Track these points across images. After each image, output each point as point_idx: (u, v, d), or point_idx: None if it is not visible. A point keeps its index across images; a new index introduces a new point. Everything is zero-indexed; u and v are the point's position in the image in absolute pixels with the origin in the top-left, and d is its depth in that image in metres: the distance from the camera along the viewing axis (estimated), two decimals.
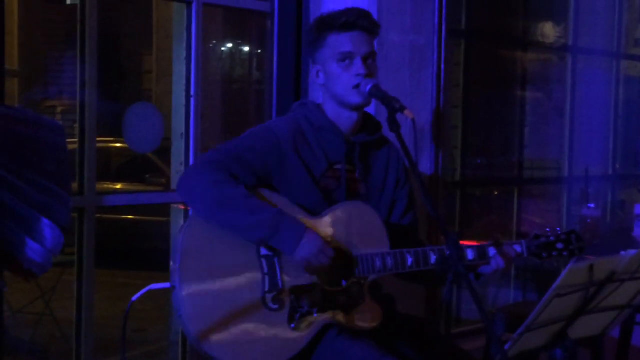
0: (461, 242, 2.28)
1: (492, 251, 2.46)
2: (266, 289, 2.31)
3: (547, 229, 2.56)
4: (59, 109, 12.48)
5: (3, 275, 1.58)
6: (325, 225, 2.38)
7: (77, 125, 3.02)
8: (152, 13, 11.90)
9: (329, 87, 2.49)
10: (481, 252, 2.46)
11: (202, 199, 2.30)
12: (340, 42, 2.46)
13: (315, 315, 2.34)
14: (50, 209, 1.31)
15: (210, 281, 2.28)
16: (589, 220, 4.33)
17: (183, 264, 2.28)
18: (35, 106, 12.32)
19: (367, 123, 2.56)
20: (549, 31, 5.37)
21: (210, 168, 2.32)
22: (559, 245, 2.54)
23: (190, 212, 2.44)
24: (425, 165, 3.68)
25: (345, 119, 2.50)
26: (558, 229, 2.57)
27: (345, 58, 2.45)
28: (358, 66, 2.44)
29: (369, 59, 2.47)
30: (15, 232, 1.28)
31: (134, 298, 2.54)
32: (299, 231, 2.30)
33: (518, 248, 2.51)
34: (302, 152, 2.44)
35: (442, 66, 3.72)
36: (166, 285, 2.42)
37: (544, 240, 2.53)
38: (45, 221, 1.29)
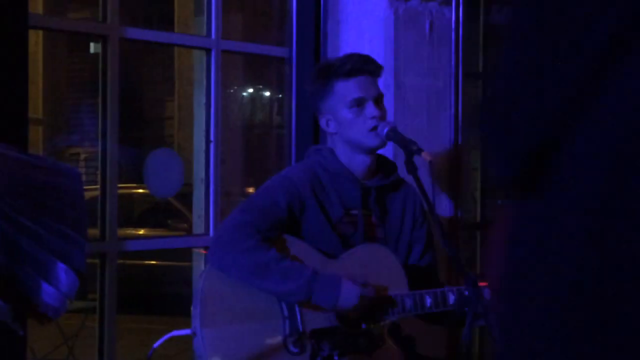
0: (481, 284, 2.27)
1: None
2: (287, 333, 2.31)
3: None
4: (82, 156, 12.62)
5: (25, 320, 1.60)
6: (342, 268, 2.39)
7: (99, 172, 3.06)
8: (173, 60, 12.06)
9: (342, 134, 2.50)
10: None
11: (236, 268, 2.31)
12: (349, 88, 2.47)
13: (336, 358, 2.33)
14: (67, 254, 1.33)
15: (231, 326, 2.29)
16: None
17: (203, 310, 2.28)
18: (59, 153, 12.46)
19: (382, 165, 2.58)
20: None
21: (241, 233, 2.32)
22: None
23: (208, 260, 2.45)
24: (445, 207, 3.68)
25: (359, 163, 2.51)
26: None
27: (357, 104, 2.47)
28: (371, 109, 2.46)
29: (379, 100, 2.49)
30: (32, 277, 1.31)
31: (156, 345, 2.55)
32: (336, 286, 2.30)
33: None
34: (319, 199, 2.46)
35: (460, 108, 3.74)
36: (187, 331, 2.43)
37: None
38: (61, 265, 1.32)
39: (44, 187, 1.35)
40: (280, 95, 4.11)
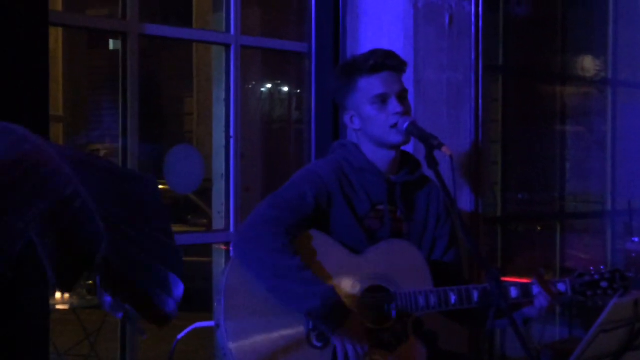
0: (503, 279, 2.26)
1: (535, 289, 2.44)
2: (310, 327, 2.31)
3: (591, 268, 2.53)
4: (102, 153, 12.67)
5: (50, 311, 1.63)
6: (367, 263, 2.39)
7: None
8: (192, 57, 12.08)
9: (366, 130, 2.50)
10: (525, 290, 2.44)
11: (259, 265, 2.32)
12: (372, 84, 2.47)
13: (360, 353, 2.33)
14: (169, 262, 1.35)
15: (254, 319, 2.29)
16: (633, 254, 4.27)
17: (227, 303, 2.29)
18: (79, 150, 12.51)
19: (406, 162, 2.57)
20: (588, 65, 5.35)
21: (268, 229, 2.32)
22: (603, 284, 2.51)
23: (232, 253, 2.46)
24: (465, 202, 3.66)
25: (383, 159, 2.50)
26: (602, 267, 2.54)
27: (380, 100, 2.46)
28: (394, 105, 2.45)
29: (402, 96, 2.48)
30: (144, 284, 1.33)
31: (179, 337, 2.56)
32: (345, 313, 2.29)
33: (562, 286, 2.49)
34: (346, 193, 2.45)
35: (480, 102, 3.72)
36: (211, 323, 2.44)
37: (588, 279, 2.51)
38: (168, 273, 1.34)
39: (132, 195, 1.37)
40: (299, 91, 4.11)
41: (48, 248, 1.20)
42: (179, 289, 1.36)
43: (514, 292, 2.43)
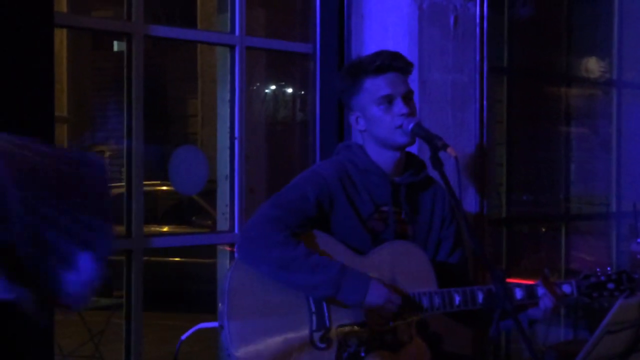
0: (508, 280, 2.26)
1: (540, 290, 2.44)
2: (314, 328, 2.31)
3: (597, 269, 2.53)
4: (107, 154, 12.69)
5: (48, 310, 1.62)
6: (371, 264, 2.38)
7: (124, 170, 3.07)
8: (196, 58, 12.09)
9: (371, 130, 2.49)
10: (530, 292, 2.43)
11: (265, 262, 2.32)
12: (378, 85, 2.47)
13: (363, 354, 2.33)
14: (92, 243, 1.34)
15: (258, 320, 2.29)
16: (638, 256, 4.26)
17: (231, 304, 2.29)
18: (84, 151, 12.52)
19: (411, 163, 2.57)
20: (593, 66, 5.34)
21: (270, 227, 2.32)
22: (610, 286, 2.50)
23: (236, 254, 2.46)
24: (470, 203, 3.66)
25: (388, 160, 2.50)
26: (609, 268, 2.54)
27: (385, 101, 2.46)
28: (400, 106, 2.45)
29: (408, 97, 2.48)
30: (55, 267, 1.32)
31: (184, 337, 2.57)
32: (364, 284, 2.29)
33: (568, 288, 2.48)
34: (349, 195, 2.45)
35: (485, 103, 3.72)
36: (215, 324, 2.44)
37: (594, 280, 2.50)
38: (85, 254, 1.33)
39: (69, 178, 1.36)
40: (303, 92, 4.11)
41: None
42: (95, 272, 1.34)
43: (519, 294, 2.43)
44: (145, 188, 3.09)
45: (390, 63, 2.48)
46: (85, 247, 1.33)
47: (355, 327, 2.33)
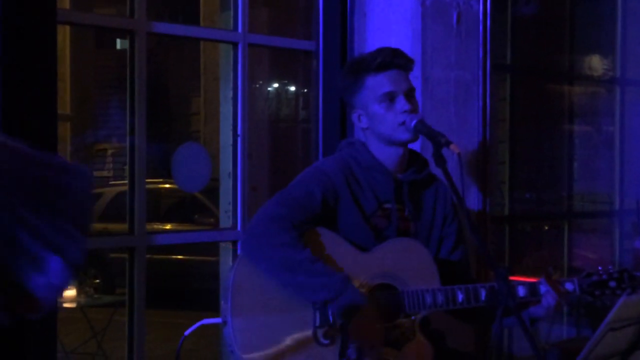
0: (511, 278, 2.26)
1: (543, 288, 2.44)
2: (317, 324, 2.31)
3: (599, 268, 2.53)
4: (109, 152, 12.70)
5: (55, 309, 1.64)
6: (375, 261, 2.38)
7: (127, 167, 3.07)
8: (199, 55, 12.09)
9: (374, 128, 2.49)
10: (532, 289, 2.43)
11: (268, 261, 2.31)
12: (380, 82, 2.46)
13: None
14: (63, 248, 1.35)
15: (261, 316, 2.29)
16: None
17: (234, 300, 2.29)
18: (87, 149, 12.55)
19: (414, 160, 2.57)
20: (596, 64, 5.33)
21: (275, 226, 2.32)
22: (612, 284, 2.50)
23: (239, 251, 2.46)
24: (473, 201, 3.66)
25: (391, 157, 2.50)
26: (610, 267, 2.54)
27: (388, 98, 2.46)
28: (402, 103, 2.45)
29: (410, 94, 2.48)
30: (24, 268, 1.33)
31: (186, 333, 2.57)
32: (363, 299, 2.29)
33: (570, 286, 2.48)
34: (353, 191, 2.45)
35: (488, 101, 3.71)
36: (217, 320, 2.44)
37: (596, 279, 2.50)
38: (55, 258, 1.33)
39: (49, 184, 1.37)
40: (306, 89, 4.11)
41: None
42: (64, 276, 1.35)
43: (521, 291, 2.43)
44: (148, 186, 3.09)
45: (392, 60, 2.47)
46: (56, 251, 1.33)
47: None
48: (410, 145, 2.55)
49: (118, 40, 13.07)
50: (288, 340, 2.28)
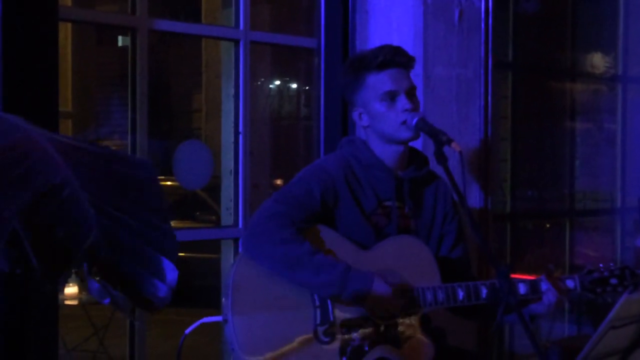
0: (512, 276, 2.26)
1: (544, 286, 2.43)
2: (318, 322, 2.31)
3: (600, 265, 2.52)
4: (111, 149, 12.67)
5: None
6: (375, 259, 2.38)
7: None
8: (201, 52, 12.09)
9: (375, 126, 2.49)
10: (533, 287, 2.43)
11: (269, 258, 2.32)
12: (381, 81, 2.46)
13: (367, 349, 2.33)
14: (162, 246, 1.34)
15: (262, 314, 2.29)
16: None
17: (235, 298, 2.29)
18: None
19: (414, 158, 2.56)
20: (598, 61, 5.33)
21: (275, 223, 2.32)
22: (613, 281, 2.50)
23: (240, 249, 2.46)
24: (474, 199, 3.65)
25: (392, 155, 2.50)
26: (611, 264, 2.53)
27: (389, 96, 2.45)
28: (403, 101, 2.44)
29: (411, 93, 2.47)
30: (135, 269, 1.32)
31: (187, 331, 2.57)
32: (368, 282, 2.29)
33: (571, 283, 2.48)
34: (353, 190, 2.45)
35: (490, 98, 3.71)
36: (218, 318, 2.45)
37: (597, 276, 2.50)
38: (162, 258, 1.32)
39: (126, 180, 1.36)
40: (308, 87, 4.10)
41: (32, 238, 1.20)
42: (172, 274, 1.34)
43: (522, 289, 2.43)
44: None
45: (393, 58, 2.47)
46: (158, 250, 1.32)
47: (359, 322, 2.34)
48: (411, 143, 2.55)
49: (120, 38, 13.06)
50: (289, 338, 2.28)
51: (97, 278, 1.29)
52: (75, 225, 1.23)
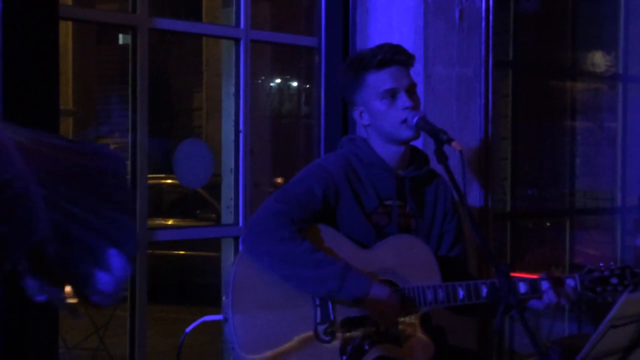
0: (512, 274, 2.26)
1: (544, 285, 2.43)
2: (318, 321, 2.31)
3: (601, 264, 2.52)
4: (112, 147, 12.68)
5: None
6: (376, 258, 2.38)
7: (129, 163, 3.07)
8: (201, 51, 12.09)
9: (376, 125, 2.49)
10: (533, 286, 2.43)
11: (269, 257, 2.32)
12: (381, 79, 2.46)
13: (367, 347, 2.33)
14: (117, 239, 1.33)
15: (263, 312, 2.30)
16: None
17: (235, 296, 2.29)
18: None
19: (415, 156, 2.56)
20: (598, 60, 5.32)
21: (275, 222, 2.32)
22: (613, 280, 2.50)
23: (241, 248, 2.46)
24: (475, 198, 3.65)
25: (393, 154, 2.50)
26: (612, 263, 2.53)
27: (389, 95, 2.45)
28: (404, 100, 2.44)
29: (411, 91, 2.47)
30: (84, 264, 1.31)
31: (188, 330, 2.57)
32: (367, 283, 2.29)
33: (571, 282, 2.48)
34: (354, 188, 2.45)
35: (490, 97, 3.71)
36: (219, 317, 2.45)
37: (597, 275, 2.49)
38: (112, 251, 1.31)
39: (88, 171, 1.35)
40: (308, 85, 4.10)
41: None
42: (124, 269, 1.33)
43: (522, 288, 2.43)
44: (150, 181, 3.10)
45: (393, 57, 2.47)
46: (111, 243, 1.31)
47: (360, 321, 2.34)
48: (412, 142, 2.55)
49: (120, 36, 13.06)
50: (289, 337, 2.28)
51: (33, 275, 1.28)
52: (21, 221, 1.23)
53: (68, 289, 1.33)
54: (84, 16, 3.26)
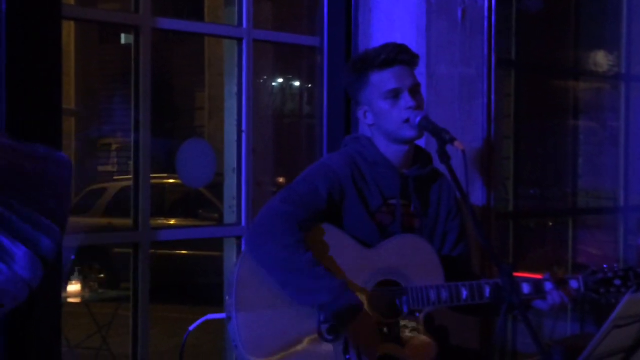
0: (516, 274, 2.25)
1: (548, 286, 2.43)
2: (321, 319, 2.31)
3: (605, 265, 2.52)
4: (114, 147, 12.71)
5: (60, 304, 1.60)
6: (379, 257, 2.38)
7: (131, 163, 3.07)
8: (204, 51, 12.09)
9: (379, 124, 2.49)
10: (537, 287, 2.43)
11: (270, 260, 2.32)
12: (385, 79, 2.46)
13: (370, 347, 2.33)
14: (34, 240, 1.31)
15: (266, 311, 2.30)
16: None
17: (238, 295, 2.30)
18: (91, 144, 12.56)
19: (419, 156, 2.56)
20: (601, 60, 5.32)
21: (280, 224, 2.32)
22: (617, 282, 2.50)
23: (244, 247, 2.46)
24: (477, 197, 3.65)
25: (397, 153, 2.50)
26: (615, 265, 2.53)
27: (392, 94, 2.45)
28: (407, 99, 2.44)
29: (415, 90, 2.47)
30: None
31: (191, 328, 2.57)
32: (358, 307, 2.29)
33: (575, 283, 2.47)
34: (359, 187, 2.45)
35: (493, 97, 3.70)
36: (222, 315, 2.45)
37: (601, 276, 2.49)
38: (23, 248, 1.30)
39: (31, 176, 1.34)
40: (311, 85, 4.11)
41: None
42: (33, 269, 1.31)
43: (526, 288, 2.42)
44: (153, 181, 3.10)
45: (396, 56, 2.47)
46: (25, 242, 1.29)
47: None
48: (415, 141, 2.55)
49: (123, 36, 13.07)
50: (292, 336, 2.28)
51: None
52: None
53: None
54: (87, 16, 3.26)
